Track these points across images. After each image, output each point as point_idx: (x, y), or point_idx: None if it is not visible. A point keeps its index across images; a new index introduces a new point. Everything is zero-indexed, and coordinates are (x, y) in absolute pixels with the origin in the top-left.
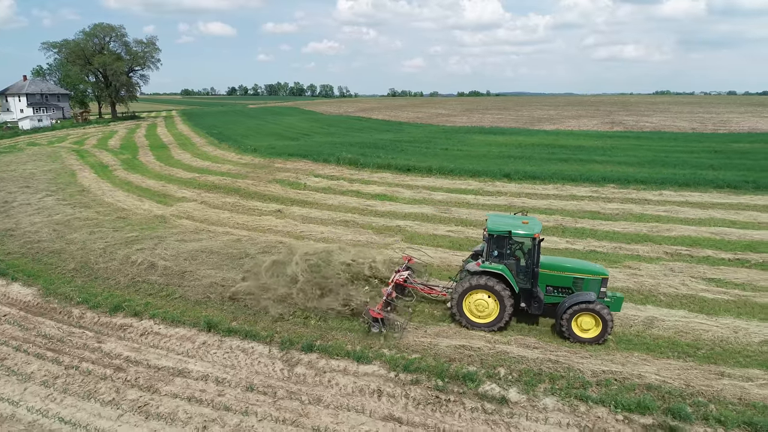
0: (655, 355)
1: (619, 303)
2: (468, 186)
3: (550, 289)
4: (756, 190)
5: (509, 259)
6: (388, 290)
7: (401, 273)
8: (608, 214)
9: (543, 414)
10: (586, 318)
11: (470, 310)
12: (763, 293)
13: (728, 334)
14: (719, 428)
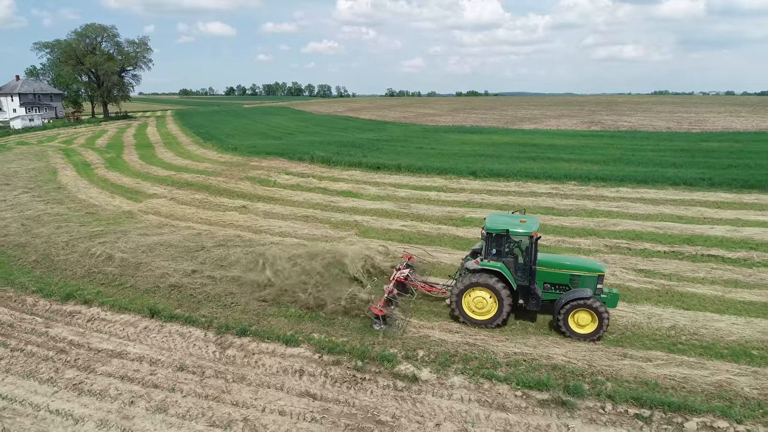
0: (566, 339)
1: (615, 299)
2: (433, 183)
3: (548, 286)
4: (710, 187)
5: (507, 256)
6: (389, 288)
7: (402, 271)
8: (562, 209)
9: (449, 390)
10: (583, 314)
11: (469, 307)
12: (686, 283)
13: (642, 320)
14: (608, 403)
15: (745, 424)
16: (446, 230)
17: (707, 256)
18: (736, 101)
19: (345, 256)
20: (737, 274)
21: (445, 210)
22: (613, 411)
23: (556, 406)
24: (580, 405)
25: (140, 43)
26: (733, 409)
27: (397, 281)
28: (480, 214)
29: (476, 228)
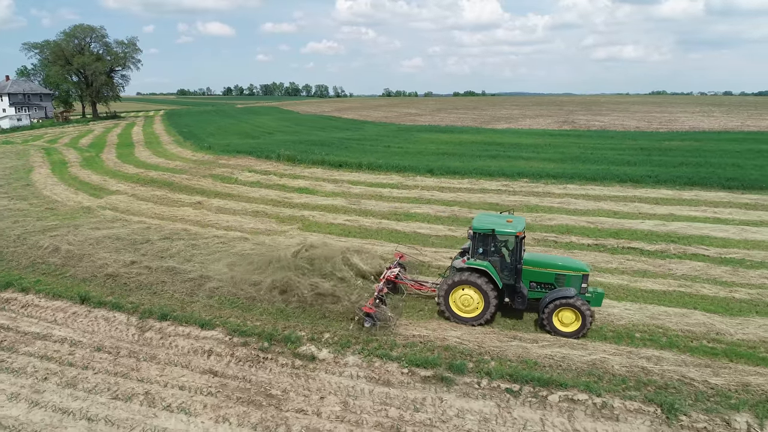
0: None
1: (599, 298)
2: (390, 180)
3: (534, 285)
4: (654, 184)
5: (494, 256)
6: (379, 286)
7: (392, 269)
8: (505, 205)
9: (342, 368)
10: (567, 313)
11: (457, 304)
12: (597, 273)
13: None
14: (485, 379)
15: (604, 397)
16: (386, 224)
17: (627, 248)
18: (722, 101)
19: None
20: (649, 265)
21: (393, 206)
22: (487, 386)
23: (436, 381)
24: (458, 381)
25: (129, 44)
26: (598, 384)
27: (388, 280)
28: (425, 210)
29: (416, 222)
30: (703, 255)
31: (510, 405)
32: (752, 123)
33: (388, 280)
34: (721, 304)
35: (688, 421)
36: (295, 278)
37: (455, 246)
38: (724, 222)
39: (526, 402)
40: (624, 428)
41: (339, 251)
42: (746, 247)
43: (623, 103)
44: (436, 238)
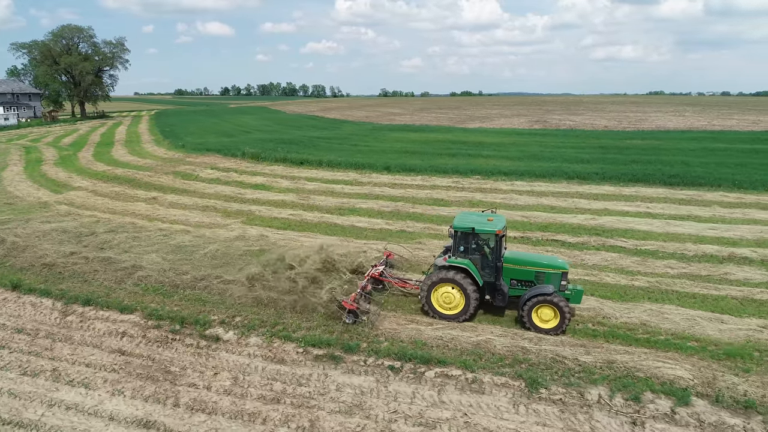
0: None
1: (579, 295)
2: (346, 177)
3: (515, 283)
4: (600, 181)
5: (474, 254)
6: (362, 283)
7: (377, 267)
8: (449, 200)
9: (242, 348)
10: (546, 309)
11: (438, 302)
12: None
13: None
14: (372, 357)
15: (477, 373)
16: (327, 219)
17: (550, 240)
18: (706, 102)
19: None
20: (565, 256)
21: (341, 201)
22: (372, 363)
23: (327, 360)
24: (347, 359)
25: (117, 44)
26: (476, 362)
27: (372, 277)
28: (371, 205)
29: (357, 217)
30: (620, 247)
31: (388, 380)
32: (718, 122)
33: (373, 277)
34: (618, 291)
35: (547, 393)
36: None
37: (387, 238)
38: (653, 216)
39: (404, 378)
40: (486, 399)
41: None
42: (664, 240)
43: (603, 103)
44: (370, 231)
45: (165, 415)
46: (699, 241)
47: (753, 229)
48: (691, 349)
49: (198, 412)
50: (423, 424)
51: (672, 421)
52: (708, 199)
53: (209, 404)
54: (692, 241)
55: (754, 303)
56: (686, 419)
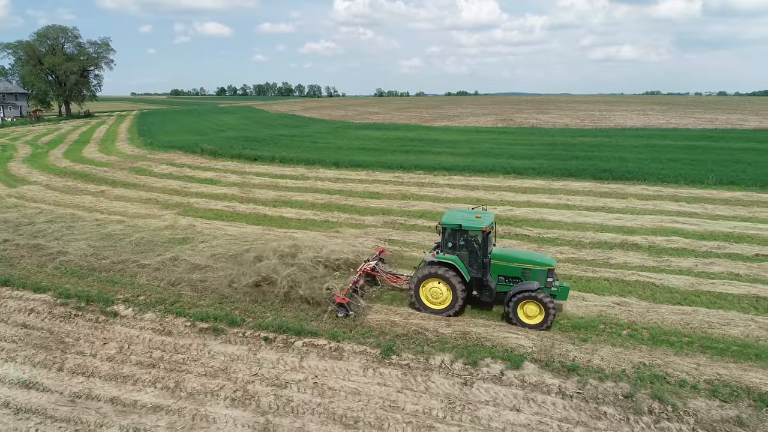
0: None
1: (565, 292)
2: (294, 172)
3: (502, 279)
4: (535, 175)
5: (462, 250)
6: (354, 278)
7: (369, 262)
8: (383, 193)
9: (136, 322)
10: (531, 306)
11: (427, 297)
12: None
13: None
14: (250, 330)
15: (341, 343)
16: (259, 210)
17: None
18: (692, 101)
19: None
20: None
21: (280, 194)
22: (250, 335)
23: (210, 332)
24: (229, 331)
25: (102, 44)
26: (346, 333)
27: (364, 272)
28: (306, 197)
29: (288, 208)
30: (524, 235)
31: (259, 349)
32: (676, 121)
33: (365, 272)
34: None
35: (397, 359)
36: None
37: (310, 228)
38: (568, 208)
39: (274, 347)
40: (341, 365)
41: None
42: (568, 229)
43: (577, 102)
44: (295, 222)
45: (48, 377)
46: (600, 230)
47: (655, 219)
48: None
49: (78, 375)
50: (275, 385)
51: (498, 382)
52: (628, 192)
53: (90, 368)
54: (594, 230)
55: (621, 283)
56: (511, 380)
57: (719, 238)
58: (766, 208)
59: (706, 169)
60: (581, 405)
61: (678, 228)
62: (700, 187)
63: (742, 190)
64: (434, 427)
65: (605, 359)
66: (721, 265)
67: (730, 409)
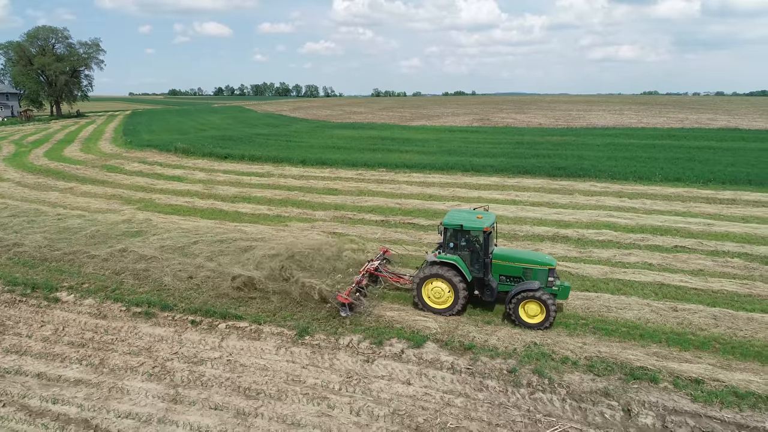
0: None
1: (566, 291)
2: (260, 170)
3: (503, 278)
4: (492, 173)
5: (463, 250)
6: (357, 278)
7: (372, 262)
8: (341, 190)
9: (76, 307)
10: (532, 305)
11: (429, 296)
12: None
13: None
14: (180, 313)
15: (262, 325)
16: (217, 205)
17: (405, 223)
18: (678, 101)
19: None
20: (406, 236)
21: (242, 190)
22: (179, 318)
23: (142, 315)
24: (160, 315)
25: (92, 45)
26: (269, 317)
27: (368, 272)
28: (266, 193)
29: (245, 203)
30: None
31: (185, 331)
32: (647, 120)
33: (368, 272)
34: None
35: (310, 339)
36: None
37: (261, 222)
38: (515, 203)
39: (199, 329)
40: (257, 344)
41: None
42: (507, 223)
43: (558, 102)
44: (250, 216)
45: None
46: (538, 223)
47: (593, 214)
48: None
49: (11, 354)
50: (192, 362)
51: (398, 359)
52: (576, 188)
53: (24, 348)
54: (531, 224)
55: None
56: (410, 357)
57: (647, 231)
58: (702, 203)
59: (657, 166)
60: (468, 379)
61: (611, 222)
62: (646, 183)
63: (685, 187)
64: (328, 398)
65: (501, 339)
66: (639, 255)
67: (600, 382)
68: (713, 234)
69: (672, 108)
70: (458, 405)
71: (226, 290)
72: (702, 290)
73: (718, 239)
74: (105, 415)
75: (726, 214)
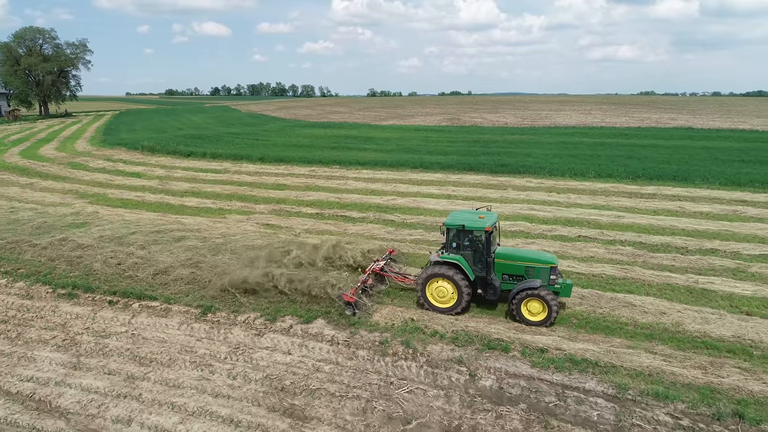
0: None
1: (568, 289)
2: (219, 167)
3: (506, 277)
4: (439, 170)
5: (466, 250)
6: (363, 277)
7: (378, 262)
8: (290, 185)
9: (5, 289)
10: (534, 303)
11: (433, 295)
12: (291, 230)
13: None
14: (100, 294)
15: (172, 305)
16: (165, 199)
17: (338, 216)
18: (664, 101)
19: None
20: (334, 227)
21: (194, 185)
22: (99, 299)
23: (65, 296)
24: (82, 296)
25: (79, 45)
26: (180, 297)
27: (373, 272)
28: (216, 189)
29: (192, 198)
30: (390, 220)
31: (101, 309)
32: (610, 120)
33: (374, 272)
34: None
35: (212, 317)
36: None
37: (202, 215)
38: (448, 198)
39: (114, 307)
40: (163, 321)
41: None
42: (433, 215)
43: (535, 102)
44: (193, 209)
45: None
46: None
47: (516, 207)
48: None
49: None
50: (100, 336)
51: (286, 333)
52: (512, 183)
53: None
54: None
55: None
56: (296, 331)
57: (559, 222)
58: (623, 197)
59: (595, 164)
60: (342, 350)
61: (530, 215)
62: (580, 179)
63: (614, 182)
64: (212, 365)
65: (384, 316)
66: (540, 244)
67: (458, 352)
68: (619, 225)
69: (641, 108)
70: (326, 371)
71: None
72: (583, 274)
73: (620, 230)
74: (9, 379)
75: (641, 207)
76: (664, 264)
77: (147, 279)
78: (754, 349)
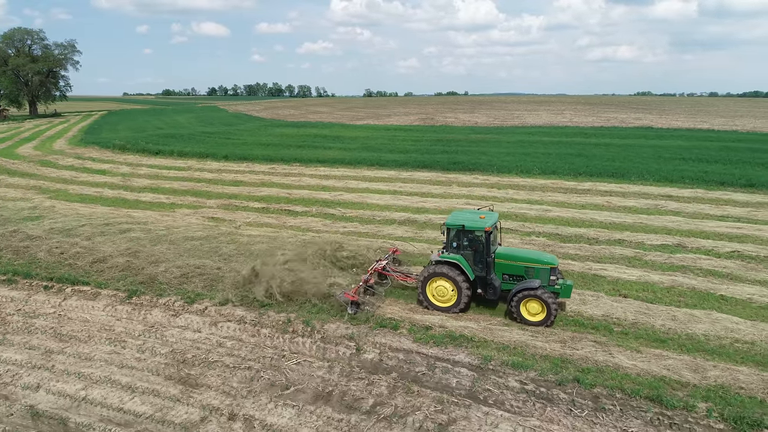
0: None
1: (568, 290)
2: (183, 164)
3: (506, 277)
4: (395, 167)
5: (466, 249)
6: (365, 277)
7: (381, 261)
8: (246, 182)
9: None
10: (533, 303)
11: (433, 294)
12: (224, 222)
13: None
14: (39, 280)
15: (102, 289)
16: (122, 194)
17: (282, 210)
18: (642, 101)
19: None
20: (275, 220)
21: (154, 182)
22: (36, 284)
23: (5, 282)
24: (20, 281)
25: (67, 46)
26: (111, 283)
27: (376, 271)
28: (175, 185)
29: (150, 193)
30: (330, 214)
31: (36, 293)
32: (578, 119)
33: (377, 271)
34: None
35: (137, 300)
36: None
37: (154, 209)
38: (395, 193)
39: (48, 292)
40: (91, 303)
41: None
42: (376, 209)
43: (514, 103)
44: (147, 204)
45: None
46: (403, 210)
47: (453, 202)
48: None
49: None
50: (29, 316)
51: (200, 314)
52: (459, 180)
53: None
54: (393, 210)
55: (366, 249)
56: (210, 313)
57: None
58: (558, 193)
59: (543, 161)
60: (248, 328)
61: (464, 209)
62: (524, 176)
63: (555, 179)
64: (125, 341)
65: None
66: None
67: (352, 330)
68: (543, 218)
69: (614, 108)
70: (227, 346)
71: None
72: None
73: (543, 223)
74: None
75: (571, 202)
76: (569, 253)
77: (85, 267)
78: (616, 326)
